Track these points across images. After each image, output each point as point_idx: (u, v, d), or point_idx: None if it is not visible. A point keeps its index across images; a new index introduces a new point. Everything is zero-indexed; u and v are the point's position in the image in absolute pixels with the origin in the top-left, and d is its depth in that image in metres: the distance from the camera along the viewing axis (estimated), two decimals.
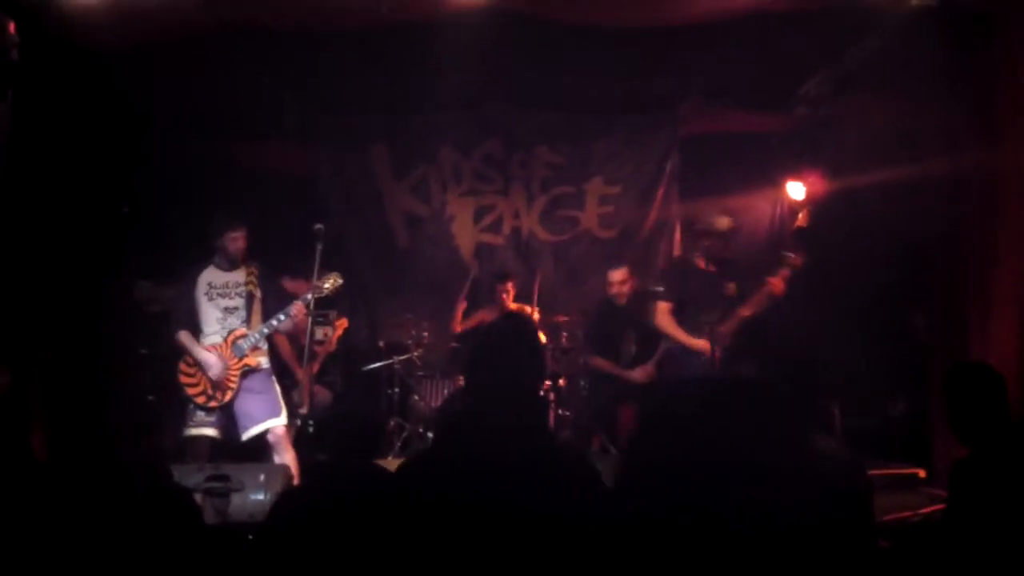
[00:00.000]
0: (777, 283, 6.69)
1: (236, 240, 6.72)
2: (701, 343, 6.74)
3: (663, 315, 6.97)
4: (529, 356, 2.88)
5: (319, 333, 7.83)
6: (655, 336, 7.26)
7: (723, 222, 7.05)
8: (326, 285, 6.67)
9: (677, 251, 8.96)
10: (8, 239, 6.51)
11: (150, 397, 7.77)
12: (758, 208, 9.13)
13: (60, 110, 7.01)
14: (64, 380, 7.10)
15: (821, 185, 8.62)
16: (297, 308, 6.61)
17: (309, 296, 6.63)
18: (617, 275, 7.77)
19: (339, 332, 8.31)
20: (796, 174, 8.78)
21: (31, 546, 2.95)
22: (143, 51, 7.11)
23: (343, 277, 6.75)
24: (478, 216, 9.24)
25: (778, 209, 9.10)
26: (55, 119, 6.98)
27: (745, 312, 6.65)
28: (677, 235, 9.09)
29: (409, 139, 9.12)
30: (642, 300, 7.52)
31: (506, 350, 2.85)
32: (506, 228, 9.18)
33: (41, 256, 6.89)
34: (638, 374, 7.58)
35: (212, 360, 6.59)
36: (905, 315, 8.01)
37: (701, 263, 6.99)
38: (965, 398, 3.73)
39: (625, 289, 7.78)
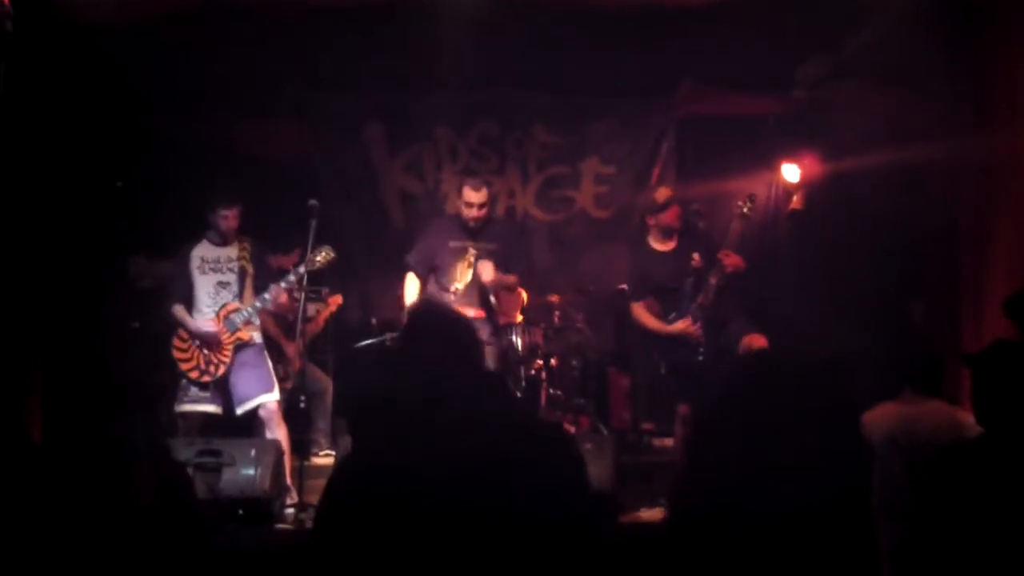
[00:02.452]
0: (727, 256, 6.70)
1: (227, 218, 6.74)
2: (680, 327, 6.74)
3: (638, 312, 6.99)
4: (456, 332, 2.80)
5: (311, 310, 7.84)
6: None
7: (662, 192, 7.09)
8: (318, 258, 6.68)
9: None
10: (1, 214, 6.51)
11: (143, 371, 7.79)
12: (753, 190, 9.12)
13: (53, 85, 7.00)
14: (59, 355, 7.12)
15: (817, 168, 8.61)
16: (275, 291, 6.64)
17: (302, 269, 6.65)
18: None
19: (332, 308, 8.32)
20: (792, 156, 8.77)
21: (31, 524, 2.96)
22: (139, 27, 7.10)
23: (335, 252, 6.77)
24: None
25: (773, 191, 9.10)
26: (48, 94, 6.97)
27: (712, 280, 6.67)
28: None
29: (404, 118, 9.09)
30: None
31: (431, 330, 2.80)
32: (501, 207, 9.17)
33: (34, 232, 6.89)
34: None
35: (207, 327, 6.61)
36: (902, 303, 8.01)
37: (657, 244, 6.99)
38: (999, 376, 3.58)
39: None
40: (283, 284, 6.69)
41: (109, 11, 6.76)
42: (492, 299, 7.32)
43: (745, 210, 6.84)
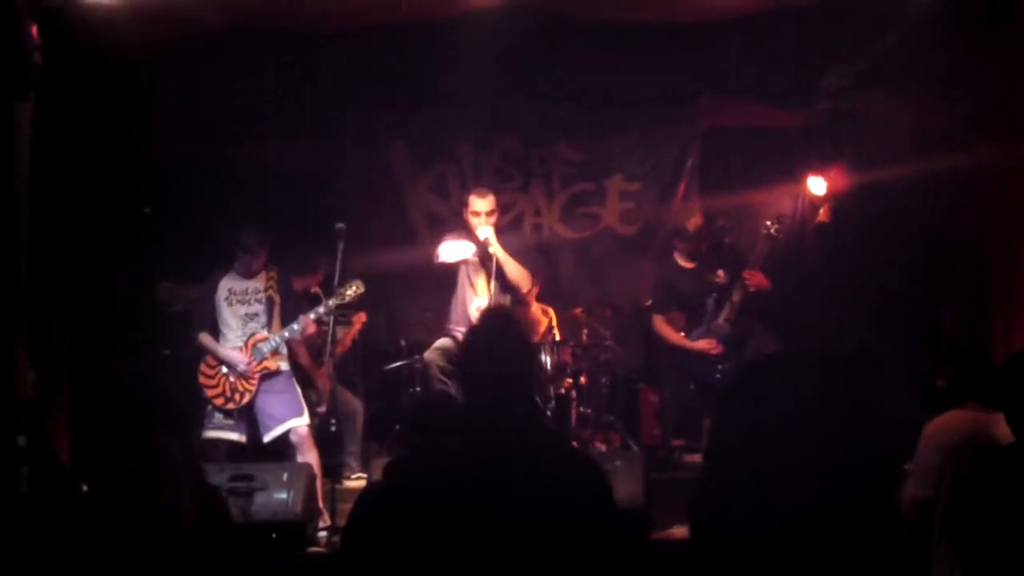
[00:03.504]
0: (752, 276, 6.66)
1: (259, 259, 6.74)
2: (702, 344, 6.71)
3: (659, 325, 6.96)
4: (516, 353, 2.83)
5: (339, 333, 7.84)
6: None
7: (692, 222, 7.06)
8: (348, 292, 6.69)
9: None
10: (33, 241, 6.55)
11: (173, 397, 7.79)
12: (780, 203, 9.08)
13: (80, 112, 7.05)
14: (89, 381, 7.14)
15: (843, 180, 8.56)
16: (304, 322, 6.63)
17: (332, 302, 6.65)
18: None
19: (357, 327, 8.32)
20: (817, 169, 8.73)
21: (77, 550, 2.97)
22: (161, 52, 7.14)
23: (363, 278, 6.76)
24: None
25: (799, 204, 9.06)
26: (76, 121, 7.02)
27: (735, 298, 6.63)
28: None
29: (427, 135, 9.11)
30: None
31: (493, 350, 2.80)
32: (527, 225, 9.16)
33: (65, 257, 6.94)
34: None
35: (237, 356, 6.62)
36: (931, 311, 7.95)
37: (683, 262, 6.96)
38: None
39: None
40: (312, 316, 6.68)
41: (130, 38, 6.78)
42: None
43: (772, 231, 6.79)
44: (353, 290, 6.69)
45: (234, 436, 6.69)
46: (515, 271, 6.79)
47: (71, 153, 6.99)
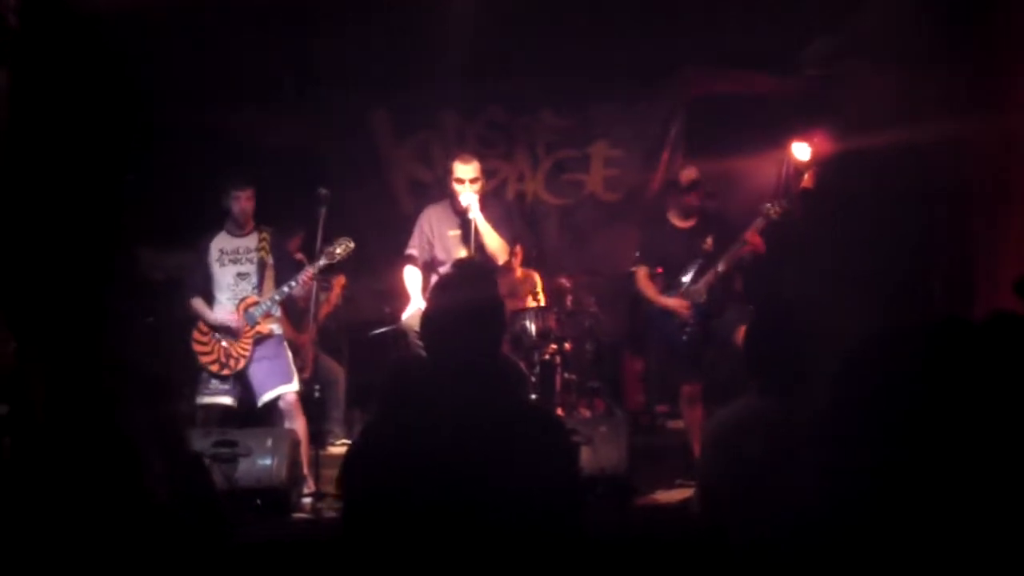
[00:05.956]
0: (752, 235, 6.64)
1: (240, 199, 6.68)
2: (674, 303, 6.69)
3: (640, 278, 6.94)
4: (477, 311, 2.78)
5: (321, 298, 7.82)
6: None
7: (687, 173, 6.90)
8: (338, 250, 6.62)
9: None
10: (10, 208, 6.50)
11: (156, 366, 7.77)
12: (764, 170, 9.08)
13: (60, 76, 6.98)
14: (68, 350, 7.10)
15: (827, 146, 8.55)
16: (307, 275, 6.60)
17: (321, 262, 6.60)
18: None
19: (337, 290, 8.31)
20: (801, 135, 8.72)
21: (39, 517, 2.95)
22: (143, 18, 7.08)
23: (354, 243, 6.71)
24: None
25: (784, 170, 9.05)
26: (56, 85, 6.95)
27: (720, 268, 6.63)
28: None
29: (410, 105, 9.07)
30: None
31: (460, 305, 2.77)
32: (510, 192, 9.14)
33: (43, 225, 6.88)
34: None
35: (228, 318, 6.59)
36: (916, 281, 7.96)
37: (676, 220, 6.92)
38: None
39: None
40: (311, 269, 6.64)
41: (114, 1, 6.74)
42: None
43: (772, 212, 6.74)
44: (343, 248, 6.63)
45: (228, 401, 6.67)
46: (494, 241, 6.75)
47: (48, 118, 6.92)
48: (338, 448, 7.65)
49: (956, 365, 1.95)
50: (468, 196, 6.71)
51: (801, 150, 8.68)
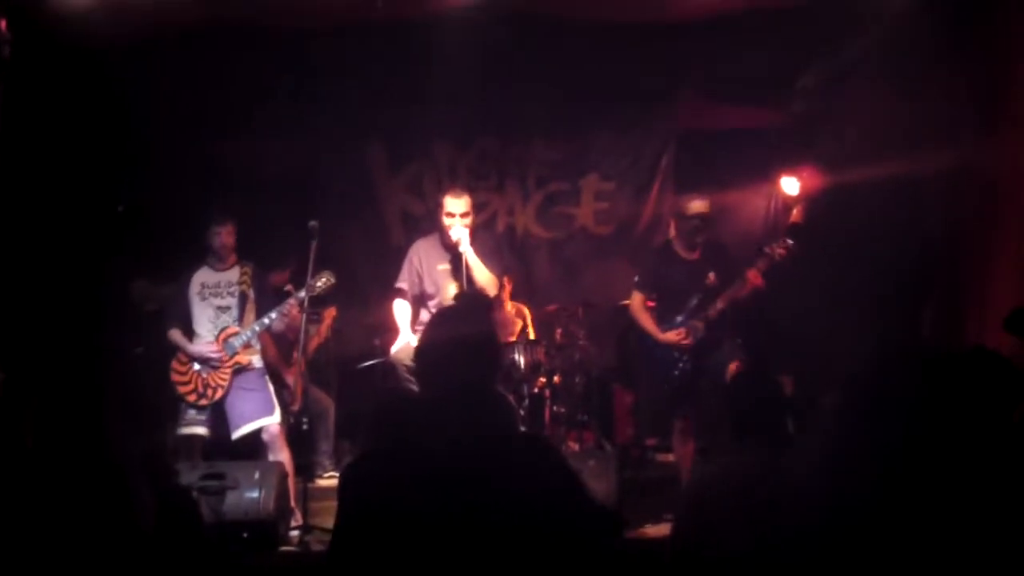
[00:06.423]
0: (755, 276, 6.62)
1: (221, 235, 6.70)
2: (670, 336, 6.67)
3: (636, 305, 6.91)
4: (480, 343, 2.80)
5: (311, 331, 7.81)
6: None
7: (696, 205, 6.76)
8: (319, 284, 6.63)
9: None
10: (2, 237, 6.50)
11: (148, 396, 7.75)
12: (753, 203, 9.10)
13: (52, 108, 7.00)
14: (60, 380, 7.07)
15: (816, 180, 8.59)
16: (291, 305, 6.60)
17: (303, 294, 6.60)
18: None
19: (327, 322, 8.29)
20: (790, 169, 8.75)
21: (28, 546, 2.94)
22: (136, 49, 7.12)
23: (336, 275, 6.71)
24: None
25: (773, 204, 9.08)
26: (48, 117, 6.96)
27: (720, 305, 6.61)
28: (672, 230, 9.05)
29: (404, 134, 9.08)
30: None
31: (455, 338, 2.78)
32: (500, 225, 9.15)
33: (35, 254, 6.88)
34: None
35: (207, 349, 6.58)
36: (906, 313, 7.96)
37: (682, 251, 6.90)
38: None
39: None
40: (293, 300, 6.64)
41: (106, 32, 6.76)
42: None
43: (776, 254, 6.69)
44: (323, 282, 6.65)
45: (202, 431, 6.65)
46: (483, 275, 6.75)
47: (42, 149, 6.93)
48: (326, 481, 7.62)
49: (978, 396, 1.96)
50: (458, 230, 6.71)
51: (790, 184, 8.72)
